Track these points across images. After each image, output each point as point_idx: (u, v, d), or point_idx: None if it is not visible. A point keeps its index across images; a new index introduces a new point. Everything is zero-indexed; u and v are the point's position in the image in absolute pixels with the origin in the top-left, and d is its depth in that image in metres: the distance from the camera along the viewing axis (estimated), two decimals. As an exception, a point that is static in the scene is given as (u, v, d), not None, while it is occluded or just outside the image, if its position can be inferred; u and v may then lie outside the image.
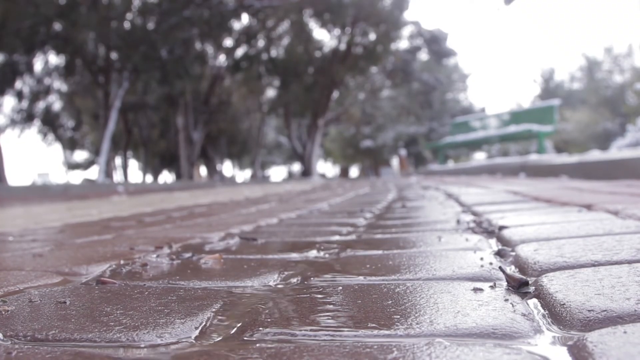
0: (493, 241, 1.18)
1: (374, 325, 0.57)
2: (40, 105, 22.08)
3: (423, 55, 24.38)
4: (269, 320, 0.61)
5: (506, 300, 0.64)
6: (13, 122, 21.13)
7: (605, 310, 0.56)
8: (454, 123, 17.07)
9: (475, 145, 17.88)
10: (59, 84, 21.83)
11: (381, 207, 2.37)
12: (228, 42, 21.05)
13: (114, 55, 17.17)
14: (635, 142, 11.31)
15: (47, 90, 21.24)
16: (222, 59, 21.96)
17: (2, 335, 0.58)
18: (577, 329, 0.54)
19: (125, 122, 22.44)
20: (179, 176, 22.76)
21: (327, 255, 1.10)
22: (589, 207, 1.68)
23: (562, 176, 4.72)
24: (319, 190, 4.85)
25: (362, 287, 0.76)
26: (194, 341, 0.56)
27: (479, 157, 34.06)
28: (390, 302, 0.67)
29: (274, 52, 21.95)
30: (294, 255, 1.11)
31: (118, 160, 26.76)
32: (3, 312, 0.67)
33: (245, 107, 25.89)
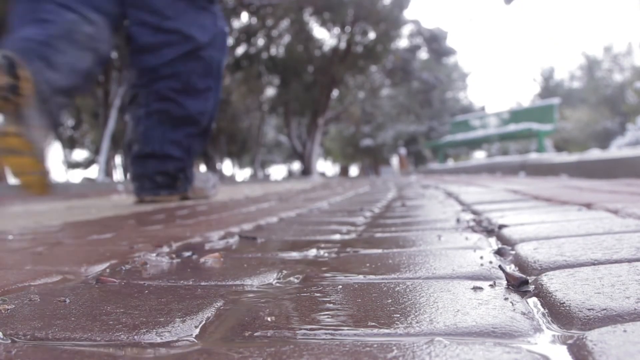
0: (493, 240, 1.18)
1: (373, 324, 0.57)
2: (40, 104, 22.06)
3: (423, 54, 24.36)
4: (268, 319, 0.61)
5: (506, 299, 0.64)
6: (13, 121, 21.10)
7: (605, 309, 0.56)
8: (454, 122, 17.07)
9: (475, 144, 17.88)
10: (58, 83, 21.83)
11: (381, 206, 2.37)
12: (228, 40, 21.05)
13: (113, 54, 17.14)
14: (635, 140, 11.31)
15: (47, 89, 21.23)
16: (221, 57, 21.92)
17: (2, 334, 0.58)
18: (577, 327, 0.54)
19: (125, 121, 22.43)
20: (178, 175, 22.73)
21: (327, 254, 1.10)
22: (588, 205, 1.68)
23: (562, 175, 4.72)
24: (319, 189, 4.85)
25: (362, 286, 0.76)
26: (194, 340, 0.56)
27: (479, 156, 34.06)
28: (390, 300, 0.67)
29: (273, 51, 21.94)
30: (294, 254, 1.11)
31: (118, 159, 26.75)
32: (3, 311, 0.67)
33: (245, 106, 25.89)
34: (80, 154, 37.11)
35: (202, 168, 27.93)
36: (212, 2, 2.64)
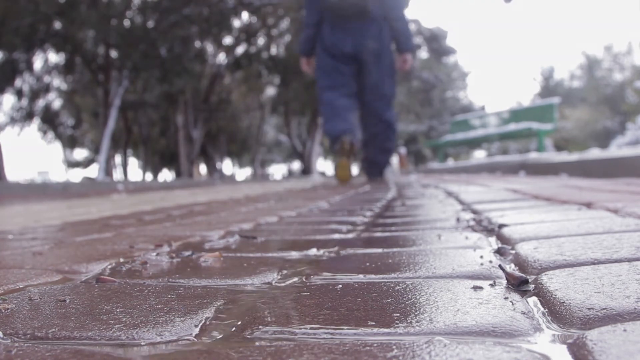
0: (493, 239, 1.18)
1: (373, 323, 0.57)
2: (40, 103, 22.07)
3: (423, 54, 24.36)
4: (268, 318, 0.61)
5: (506, 298, 0.64)
6: (13, 120, 21.11)
7: (605, 309, 0.56)
8: (454, 121, 17.05)
9: (475, 143, 17.86)
10: (58, 82, 21.82)
11: (381, 206, 2.37)
12: (228, 40, 21.01)
13: (113, 54, 17.15)
14: (635, 140, 11.31)
15: (47, 89, 21.23)
16: (222, 57, 21.94)
17: (2, 333, 0.58)
18: (577, 327, 0.54)
19: (125, 120, 22.44)
20: (178, 174, 22.77)
21: (327, 254, 1.10)
22: (588, 205, 1.68)
23: (562, 174, 4.72)
24: (319, 188, 4.84)
25: (362, 285, 0.76)
26: (194, 339, 0.56)
27: (479, 155, 34.06)
28: (390, 300, 0.67)
29: (274, 50, 21.92)
30: (294, 254, 1.11)
31: (118, 159, 26.78)
32: (3, 310, 0.67)
33: (245, 105, 25.89)
34: (80, 153, 37.14)
35: (202, 167, 27.94)
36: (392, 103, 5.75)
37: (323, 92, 5.31)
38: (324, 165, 41.47)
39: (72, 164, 38.03)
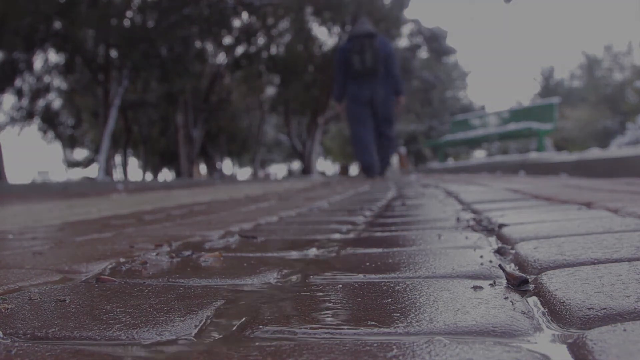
0: (493, 239, 1.18)
1: (373, 323, 0.57)
2: (40, 103, 22.06)
3: (423, 53, 24.36)
4: (268, 318, 0.61)
5: (506, 298, 0.64)
6: (13, 120, 21.11)
7: (605, 308, 0.56)
8: (454, 121, 17.06)
9: (475, 143, 17.86)
10: (58, 82, 21.81)
11: (381, 205, 2.37)
12: (228, 40, 21.00)
13: (113, 53, 17.13)
14: (635, 140, 11.31)
15: (47, 88, 21.21)
16: (222, 57, 21.94)
17: (2, 333, 0.58)
18: (577, 326, 0.54)
19: (125, 120, 22.42)
20: (178, 174, 22.77)
21: (327, 253, 1.10)
22: (588, 205, 1.68)
23: (562, 174, 4.72)
24: (319, 188, 4.85)
25: (362, 285, 0.76)
26: (193, 339, 0.56)
27: (479, 155, 34.06)
28: (390, 300, 0.67)
29: (274, 50, 21.89)
30: (294, 253, 1.11)
31: (118, 158, 26.76)
32: (3, 310, 0.67)
33: (245, 105, 25.89)
34: (80, 153, 37.11)
35: (202, 167, 27.96)
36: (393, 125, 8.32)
37: (353, 125, 8.05)
38: (324, 165, 41.47)
39: (72, 164, 38.00)
